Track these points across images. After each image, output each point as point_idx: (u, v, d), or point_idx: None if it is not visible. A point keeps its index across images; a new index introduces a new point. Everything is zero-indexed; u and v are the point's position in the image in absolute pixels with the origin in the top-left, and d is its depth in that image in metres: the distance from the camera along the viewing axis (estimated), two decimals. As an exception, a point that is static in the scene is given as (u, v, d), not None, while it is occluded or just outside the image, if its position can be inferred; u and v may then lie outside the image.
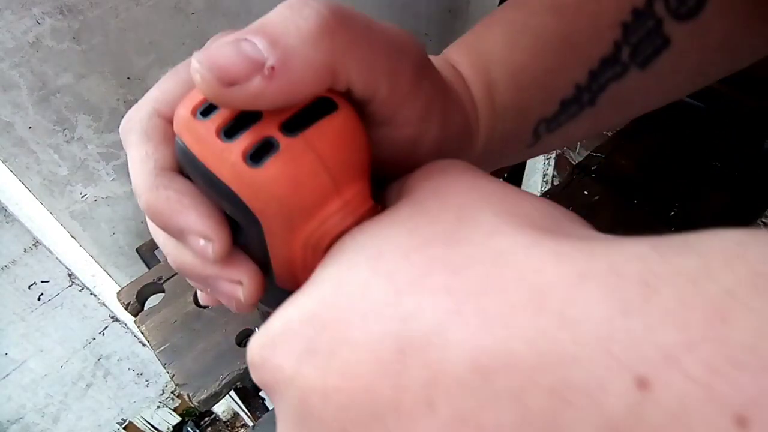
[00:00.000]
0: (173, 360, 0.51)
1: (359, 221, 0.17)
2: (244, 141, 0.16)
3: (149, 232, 0.20)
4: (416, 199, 0.15)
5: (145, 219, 0.19)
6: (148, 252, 0.69)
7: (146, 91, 0.19)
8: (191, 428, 1.39)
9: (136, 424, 1.29)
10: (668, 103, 0.28)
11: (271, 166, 0.16)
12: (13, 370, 1.08)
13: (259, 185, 0.16)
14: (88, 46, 0.50)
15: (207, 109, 0.17)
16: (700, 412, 0.08)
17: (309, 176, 0.16)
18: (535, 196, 0.15)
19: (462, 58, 0.24)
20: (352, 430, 0.12)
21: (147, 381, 1.25)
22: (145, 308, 0.55)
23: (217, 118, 0.16)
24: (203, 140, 0.16)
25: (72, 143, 0.59)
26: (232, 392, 1.06)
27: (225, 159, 0.16)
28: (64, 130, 0.58)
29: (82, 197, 0.66)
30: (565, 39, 0.23)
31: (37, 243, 0.94)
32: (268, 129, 0.16)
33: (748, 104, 0.65)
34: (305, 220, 0.17)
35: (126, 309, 0.55)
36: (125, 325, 1.11)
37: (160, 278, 0.56)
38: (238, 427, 1.43)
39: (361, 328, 0.12)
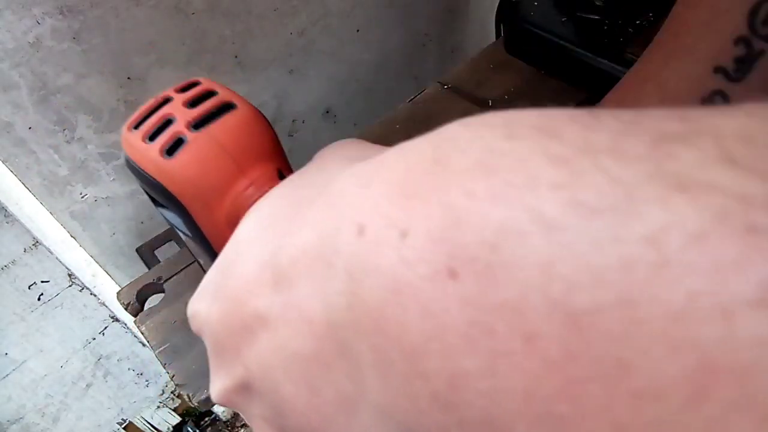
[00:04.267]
0: (173, 360, 0.51)
1: None
2: (161, 140, 0.21)
3: (149, 233, 0.21)
4: (301, 169, 0.19)
5: (145, 219, 0.20)
6: (148, 252, 0.69)
7: (146, 91, 0.20)
8: (191, 428, 1.39)
9: (136, 424, 1.29)
10: None
11: (182, 155, 0.21)
12: (13, 370, 1.08)
13: (174, 172, 0.21)
14: (88, 46, 0.50)
15: (138, 123, 0.22)
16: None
17: (213, 160, 0.21)
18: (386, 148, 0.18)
19: None
20: (234, 341, 0.14)
21: (147, 381, 1.25)
22: (145, 308, 0.54)
23: (144, 127, 0.21)
24: (135, 147, 0.21)
25: (72, 143, 0.59)
26: (232, 392, 1.06)
27: (148, 157, 0.21)
28: (64, 130, 0.58)
29: (82, 197, 0.66)
30: None
31: (37, 243, 0.94)
32: (180, 128, 0.21)
33: None
34: (219, 198, 0.21)
35: (126, 309, 0.55)
36: (125, 325, 1.11)
37: (160, 278, 0.56)
38: (238, 427, 1.43)
39: (240, 263, 0.15)
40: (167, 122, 0.21)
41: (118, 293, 0.56)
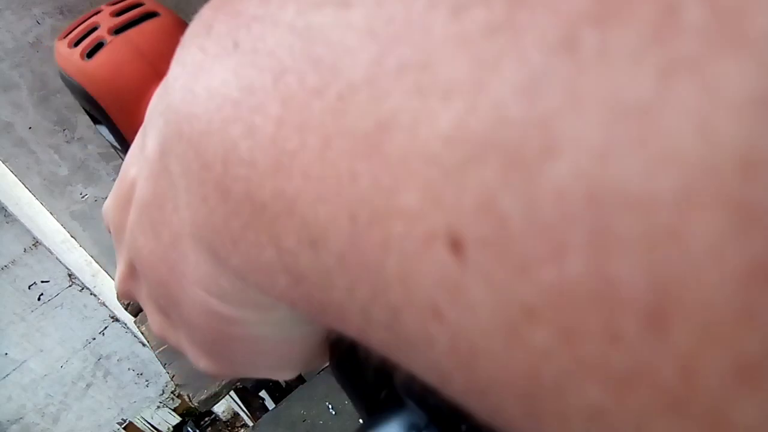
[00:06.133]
0: (173, 360, 0.51)
1: None
2: (84, 45, 0.22)
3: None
4: None
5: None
6: (148, 252, 0.69)
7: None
8: (191, 428, 1.39)
9: (136, 424, 1.29)
10: None
11: (99, 57, 0.22)
12: (13, 370, 1.08)
13: (91, 73, 0.22)
14: (88, 46, 0.50)
15: (68, 33, 0.23)
16: None
17: (128, 62, 0.22)
18: None
19: None
20: (121, 221, 0.13)
21: (147, 381, 1.25)
22: (145, 308, 0.54)
23: (72, 35, 0.23)
24: (62, 53, 0.23)
25: (72, 143, 0.59)
26: (232, 392, 1.06)
27: (72, 61, 0.22)
28: (64, 130, 0.58)
29: (82, 197, 0.66)
30: None
31: (37, 243, 0.94)
32: (102, 33, 0.22)
33: None
34: (137, 102, 0.22)
35: (126, 309, 0.55)
36: (125, 325, 1.11)
37: (160, 278, 0.56)
38: (238, 427, 1.43)
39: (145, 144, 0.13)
40: (92, 29, 0.23)
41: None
